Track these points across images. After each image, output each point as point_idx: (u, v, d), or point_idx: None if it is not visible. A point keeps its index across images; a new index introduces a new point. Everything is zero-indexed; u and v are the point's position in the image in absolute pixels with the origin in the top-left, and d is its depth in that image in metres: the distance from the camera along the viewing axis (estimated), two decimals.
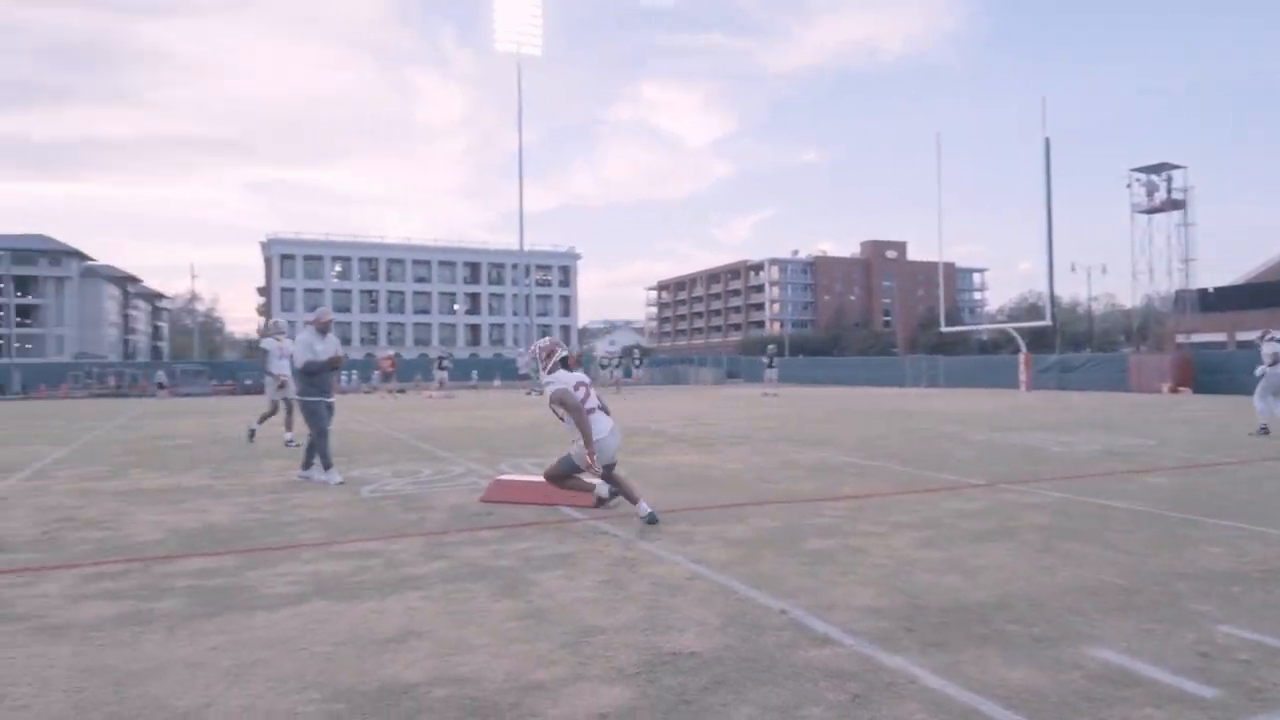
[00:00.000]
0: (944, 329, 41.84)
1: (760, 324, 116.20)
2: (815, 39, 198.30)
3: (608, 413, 6.27)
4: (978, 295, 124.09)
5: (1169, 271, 49.45)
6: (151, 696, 2.97)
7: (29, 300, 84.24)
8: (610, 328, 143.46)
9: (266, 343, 12.62)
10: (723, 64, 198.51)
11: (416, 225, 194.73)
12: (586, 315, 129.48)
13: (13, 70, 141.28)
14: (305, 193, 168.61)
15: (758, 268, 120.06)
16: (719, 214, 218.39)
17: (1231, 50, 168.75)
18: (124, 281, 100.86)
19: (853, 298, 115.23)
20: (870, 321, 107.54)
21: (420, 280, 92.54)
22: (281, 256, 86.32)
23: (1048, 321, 34.71)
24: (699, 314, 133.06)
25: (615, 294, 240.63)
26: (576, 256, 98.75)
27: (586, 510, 6.44)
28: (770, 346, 33.80)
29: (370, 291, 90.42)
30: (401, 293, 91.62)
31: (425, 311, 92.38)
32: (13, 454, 11.79)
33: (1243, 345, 41.15)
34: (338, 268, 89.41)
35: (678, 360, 59.25)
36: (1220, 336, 45.55)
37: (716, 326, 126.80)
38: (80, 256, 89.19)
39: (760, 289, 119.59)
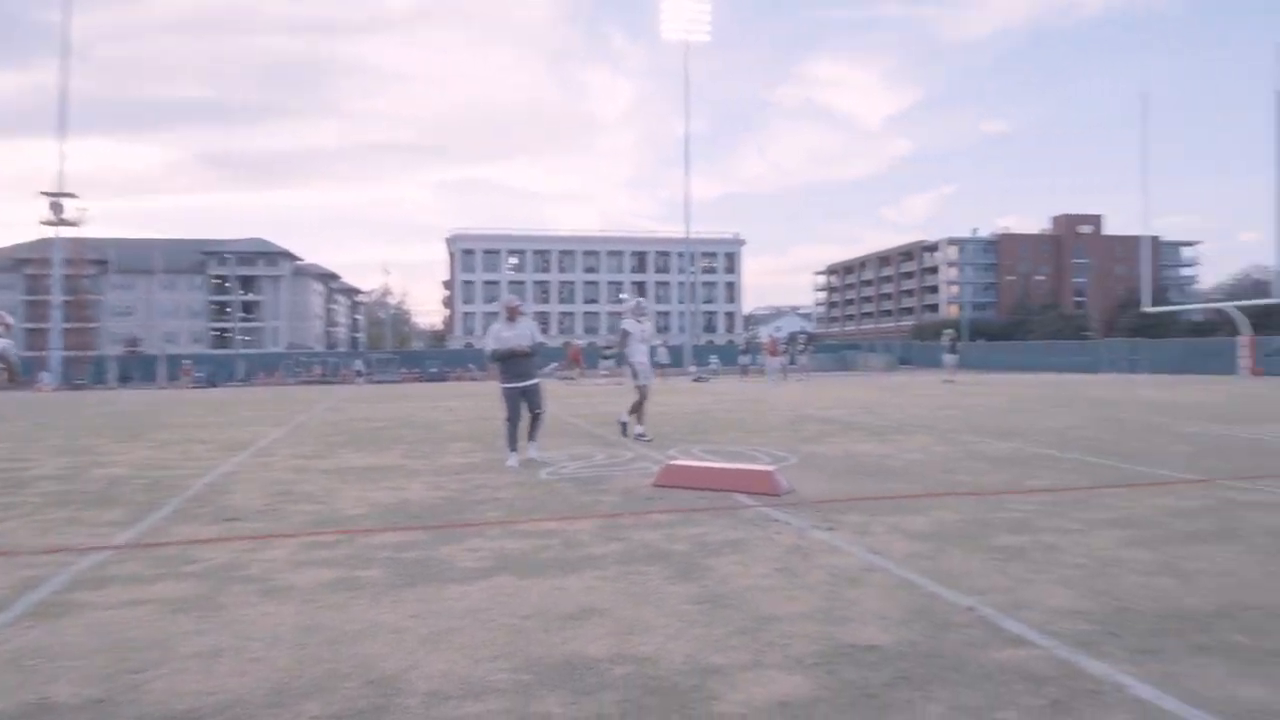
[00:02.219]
0: (1147, 309, 38.15)
1: (934, 307, 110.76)
2: (1003, 1, 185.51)
3: None
4: (1187, 271, 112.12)
5: None
6: (363, 656, 3.24)
7: (251, 297, 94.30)
8: (777, 314, 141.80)
9: (628, 324, 10.99)
10: (900, 35, 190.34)
11: (588, 217, 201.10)
12: (752, 302, 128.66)
13: (230, 91, 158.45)
14: (487, 190, 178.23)
15: (933, 248, 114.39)
16: (893, 193, 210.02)
17: None
18: (326, 278, 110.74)
19: (1040, 277, 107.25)
20: (1060, 303, 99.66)
21: (589, 270, 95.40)
22: (463, 251, 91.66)
23: (1276, 299, 30.74)
24: (868, 298, 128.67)
25: (783, 280, 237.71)
26: (741, 243, 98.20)
27: (758, 497, 6.40)
28: (948, 330, 32.12)
29: (543, 282, 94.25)
30: (572, 283, 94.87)
31: (594, 300, 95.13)
32: (241, 434, 13.26)
33: None
34: (513, 260, 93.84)
35: (846, 346, 57.62)
36: None
37: (887, 311, 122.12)
38: (291, 257, 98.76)
39: (935, 270, 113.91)
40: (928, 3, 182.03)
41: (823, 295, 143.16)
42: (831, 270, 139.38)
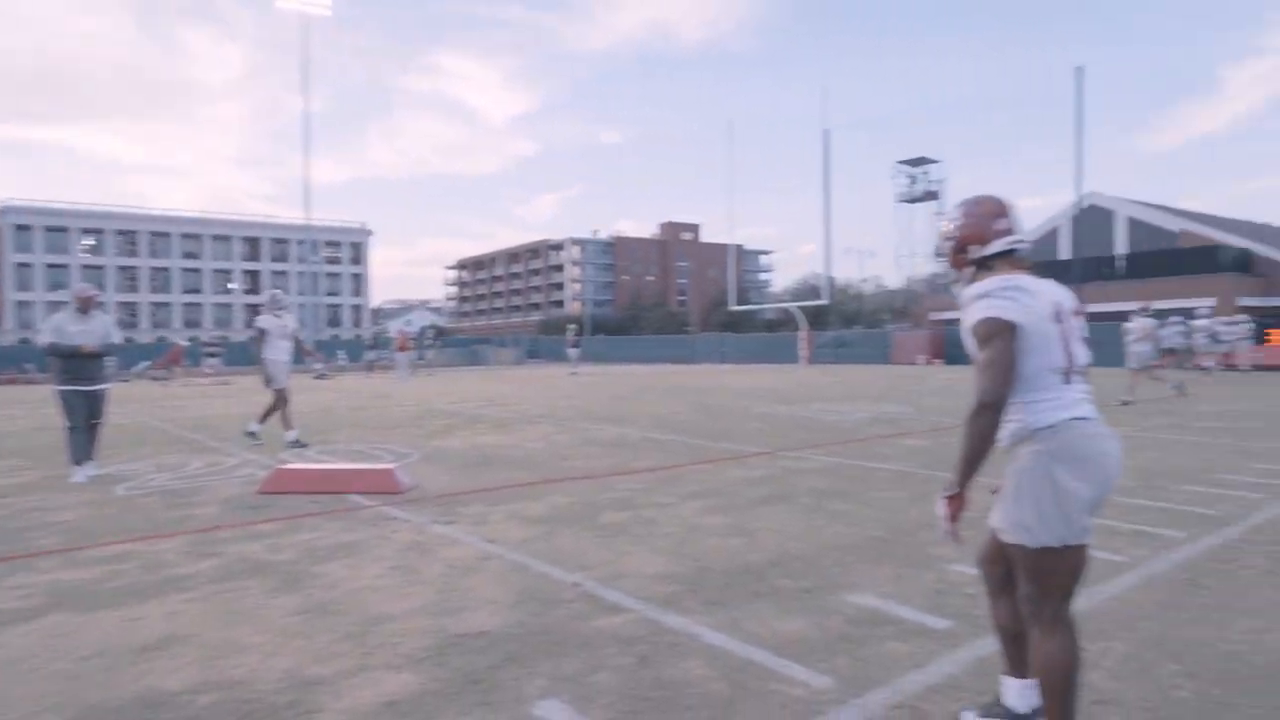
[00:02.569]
0: (732, 308, 44.12)
1: (560, 304, 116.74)
2: (616, 18, 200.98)
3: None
4: (764, 276, 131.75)
5: (926, 256, 55.17)
6: None
7: None
8: (407, 308, 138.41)
9: (264, 320, 9.87)
10: (524, 39, 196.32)
11: (186, 195, 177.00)
12: (381, 295, 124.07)
13: None
14: (51, 155, 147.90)
15: (558, 247, 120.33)
16: (522, 192, 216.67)
17: (981, 60, 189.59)
18: None
19: (650, 278, 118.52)
20: (666, 301, 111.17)
21: (190, 256, 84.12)
22: (15, 226, 75.28)
23: (825, 301, 37.56)
24: (499, 294, 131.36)
25: (413, 273, 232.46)
26: (368, 233, 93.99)
27: (378, 497, 6.20)
28: (571, 326, 34.07)
29: (129, 268, 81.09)
30: (167, 269, 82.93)
31: (196, 290, 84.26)
32: None
33: None
34: (88, 240, 79.37)
35: (477, 341, 58.24)
36: None
37: (517, 306, 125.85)
38: None
39: (561, 268, 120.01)
40: (549, 11, 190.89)
41: (454, 290, 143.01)
42: (462, 265, 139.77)
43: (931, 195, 54.86)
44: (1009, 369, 2.22)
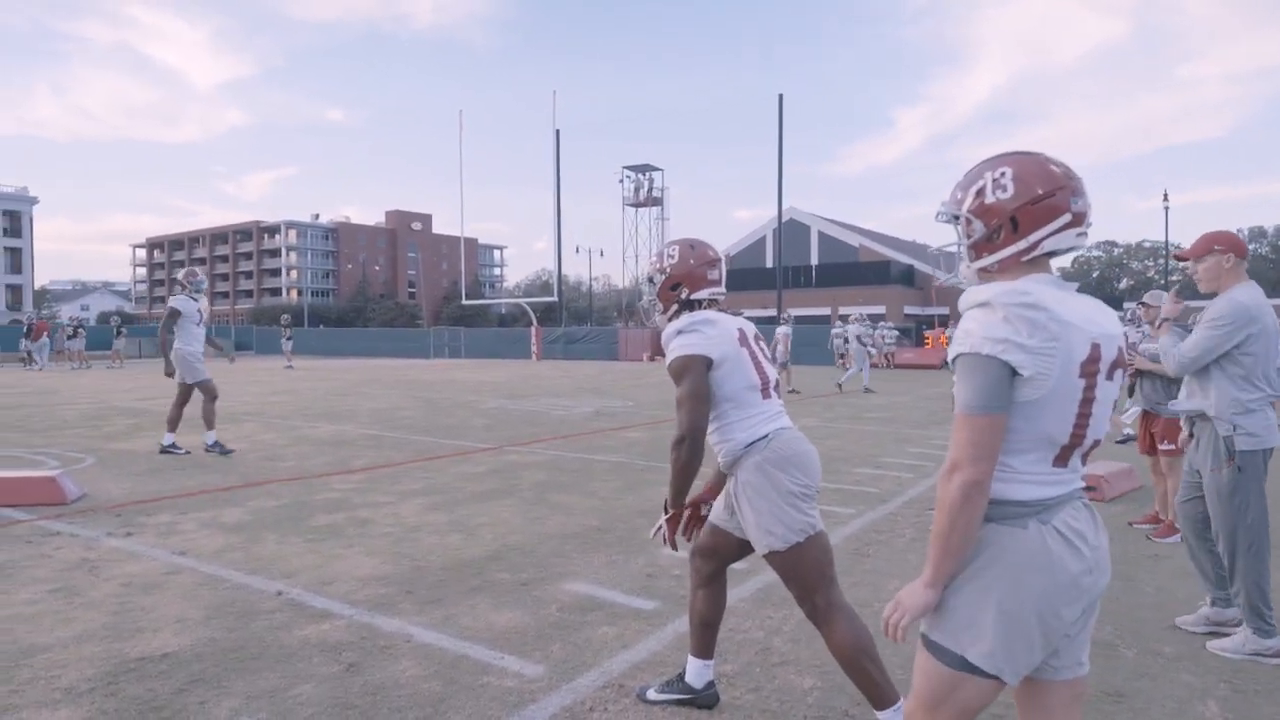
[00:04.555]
0: (465, 302, 43.53)
1: (277, 291, 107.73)
2: None
3: None
4: (498, 271, 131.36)
5: (651, 257, 58.21)
6: None
7: None
8: (83, 289, 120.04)
9: (178, 300, 8.05)
10: None
11: None
12: (49, 274, 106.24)
13: None
14: None
15: (273, 230, 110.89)
16: (231, 168, 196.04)
17: (704, 76, 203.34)
18: None
19: (377, 268, 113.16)
20: (396, 293, 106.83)
21: None
22: None
23: (555, 298, 38.26)
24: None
25: (92, 250, 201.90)
26: (32, 200, 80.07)
27: (37, 509, 5.33)
28: (285, 316, 31.61)
29: None
30: None
31: None
32: None
33: None
34: None
35: None
36: None
37: (223, 293, 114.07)
38: None
39: (277, 254, 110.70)
40: None
41: (144, 271, 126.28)
42: (155, 244, 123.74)
43: (655, 201, 57.95)
44: (704, 400, 2.42)
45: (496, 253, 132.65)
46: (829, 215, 55.98)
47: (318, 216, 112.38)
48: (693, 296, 2.60)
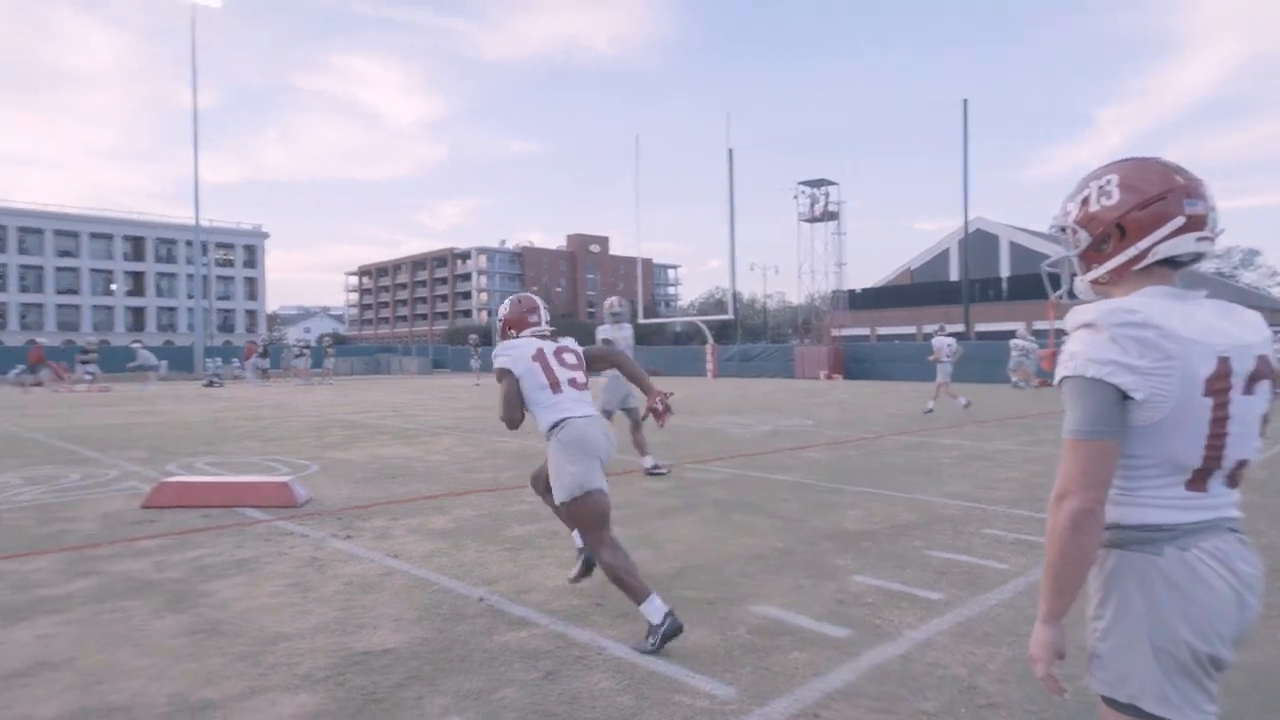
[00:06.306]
0: (641, 321, 44.48)
1: (468, 313, 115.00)
2: (527, 28, 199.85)
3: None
4: (672, 290, 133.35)
5: (826, 273, 56.99)
6: None
7: None
8: (305, 314, 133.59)
9: (605, 330, 8.46)
10: (430, 43, 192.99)
11: (59, 188, 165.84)
12: (277, 300, 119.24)
13: None
14: None
15: (465, 256, 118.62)
16: (427, 199, 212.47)
17: (878, 87, 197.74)
18: None
19: (559, 289, 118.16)
20: (575, 312, 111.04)
21: (65, 254, 78.77)
22: None
23: (730, 315, 38.28)
24: (403, 302, 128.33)
25: (312, 278, 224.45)
26: (264, 235, 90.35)
27: (273, 510, 5.96)
28: (473, 336, 33.67)
29: None
30: (39, 268, 77.44)
31: (73, 291, 79.01)
32: None
33: (882, 339, 48.67)
34: None
35: (380, 349, 56.75)
36: (865, 330, 53.37)
37: (422, 315, 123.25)
38: None
39: (468, 277, 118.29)
40: (456, 16, 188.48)
41: (355, 296, 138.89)
42: (365, 271, 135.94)
43: (831, 215, 56.69)
44: (513, 398, 3.60)
45: (671, 272, 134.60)
46: (1020, 224, 52.51)
47: (504, 242, 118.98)
48: (516, 333, 3.92)
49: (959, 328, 33.09)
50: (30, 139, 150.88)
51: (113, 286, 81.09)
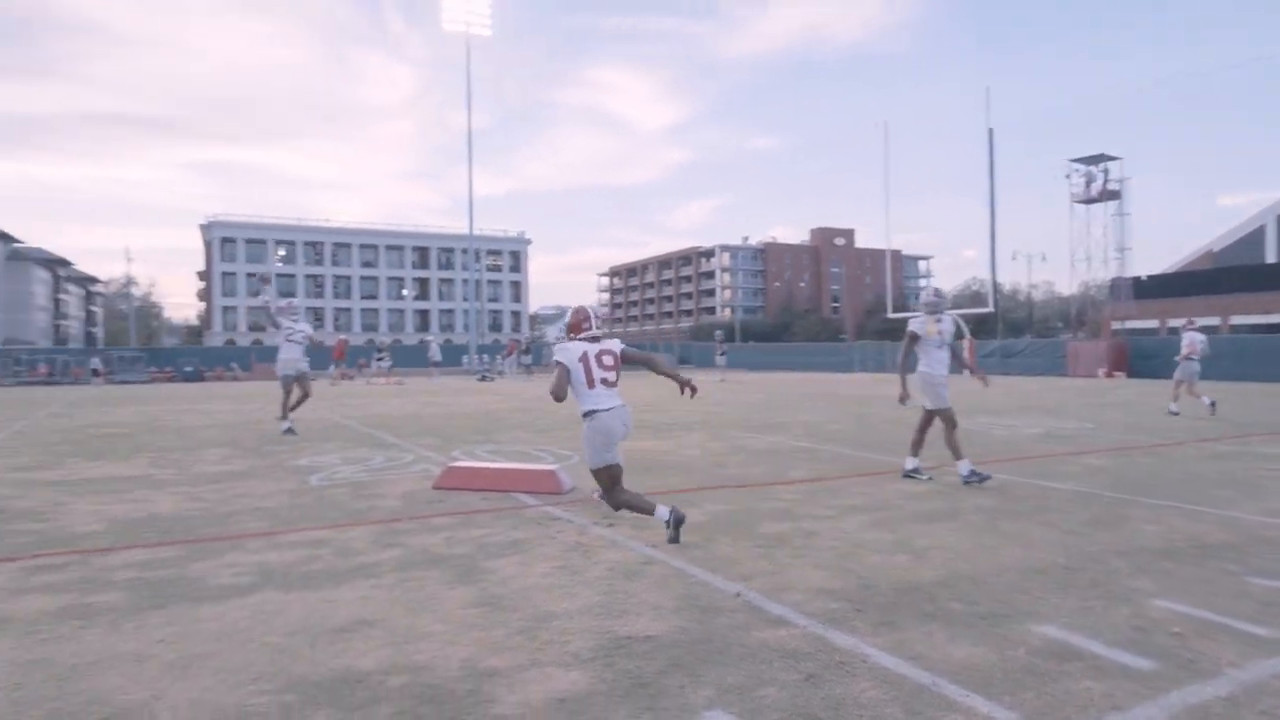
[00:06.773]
0: (890, 315, 42.59)
1: (712, 310, 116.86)
2: (769, 25, 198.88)
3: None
4: (923, 282, 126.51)
5: (1105, 260, 50.95)
6: (95, 691, 2.89)
7: None
8: (561, 313, 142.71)
9: (916, 324, 8.03)
10: (676, 49, 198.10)
11: (364, 208, 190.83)
12: (537, 301, 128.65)
13: None
14: (248, 174, 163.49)
15: (709, 254, 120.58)
16: (672, 200, 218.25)
17: (1166, 48, 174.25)
18: (54, 264, 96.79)
19: (802, 284, 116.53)
20: (819, 308, 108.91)
21: (367, 264, 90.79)
22: (222, 240, 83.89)
23: (990, 308, 35.56)
24: (650, 300, 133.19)
25: (567, 279, 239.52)
26: (527, 241, 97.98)
27: (542, 497, 6.43)
28: (718, 333, 34.10)
29: (316, 276, 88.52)
30: (348, 277, 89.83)
31: (373, 296, 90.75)
32: None
33: (1174, 332, 42.77)
34: (281, 251, 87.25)
35: (630, 346, 59.41)
36: (1153, 323, 47.19)
37: (668, 313, 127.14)
38: (5, 238, 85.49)
39: (711, 275, 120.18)
40: (701, 21, 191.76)
41: (606, 296, 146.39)
42: (614, 272, 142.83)
43: (1112, 195, 50.57)
44: (562, 383, 5.01)
45: (922, 263, 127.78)
46: None
47: (747, 239, 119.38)
48: (575, 336, 5.26)
49: (1273, 319, 28.21)
50: (339, 168, 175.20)
51: (404, 292, 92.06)
